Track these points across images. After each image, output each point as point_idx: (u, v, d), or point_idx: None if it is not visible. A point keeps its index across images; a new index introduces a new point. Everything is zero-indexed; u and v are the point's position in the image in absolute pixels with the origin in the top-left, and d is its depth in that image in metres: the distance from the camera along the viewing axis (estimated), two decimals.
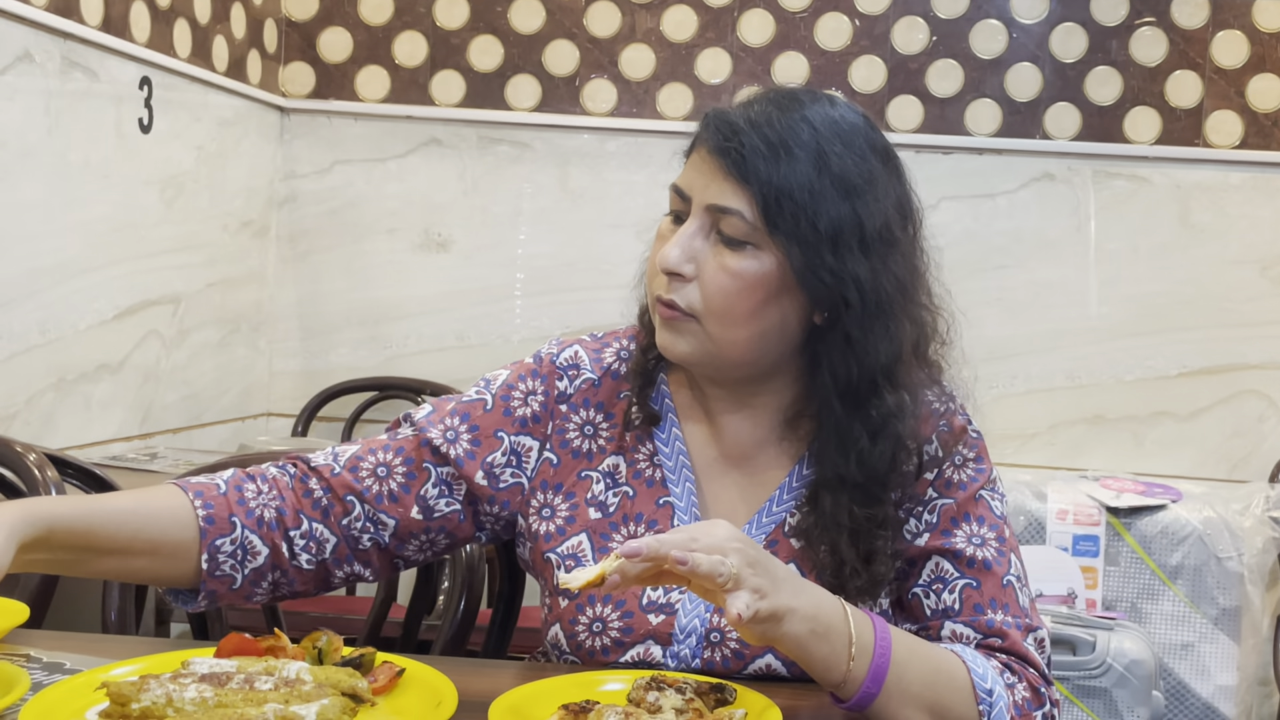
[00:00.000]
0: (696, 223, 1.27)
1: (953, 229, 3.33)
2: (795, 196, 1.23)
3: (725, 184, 1.25)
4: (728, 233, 1.25)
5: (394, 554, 1.36)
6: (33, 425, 2.57)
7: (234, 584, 1.30)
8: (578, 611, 1.31)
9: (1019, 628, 1.28)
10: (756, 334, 1.27)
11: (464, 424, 1.37)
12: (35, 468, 1.65)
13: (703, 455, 1.37)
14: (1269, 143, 3.34)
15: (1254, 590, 2.97)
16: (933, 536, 1.30)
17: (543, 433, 1.38)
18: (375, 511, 1.34)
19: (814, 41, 3.44)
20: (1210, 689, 2.95)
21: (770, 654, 1.28)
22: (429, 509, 1.35)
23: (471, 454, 1.36)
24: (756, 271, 1.25)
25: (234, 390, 3.41)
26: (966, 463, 1.34)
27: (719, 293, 1.25)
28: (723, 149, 1.25)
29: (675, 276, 1.27)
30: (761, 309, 1.26)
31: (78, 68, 2.64)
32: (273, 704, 1.03)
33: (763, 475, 1.36)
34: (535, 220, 3.52)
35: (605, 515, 1.35)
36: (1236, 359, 3.37)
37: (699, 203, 1.27)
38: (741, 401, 1.35)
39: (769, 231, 1.24)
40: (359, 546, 1.34)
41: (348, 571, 1.35)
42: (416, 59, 3.54)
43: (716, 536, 1.08)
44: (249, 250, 3.45)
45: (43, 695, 1.08)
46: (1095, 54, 3.39)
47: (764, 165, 1.24)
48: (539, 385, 1.39)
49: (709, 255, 1.26)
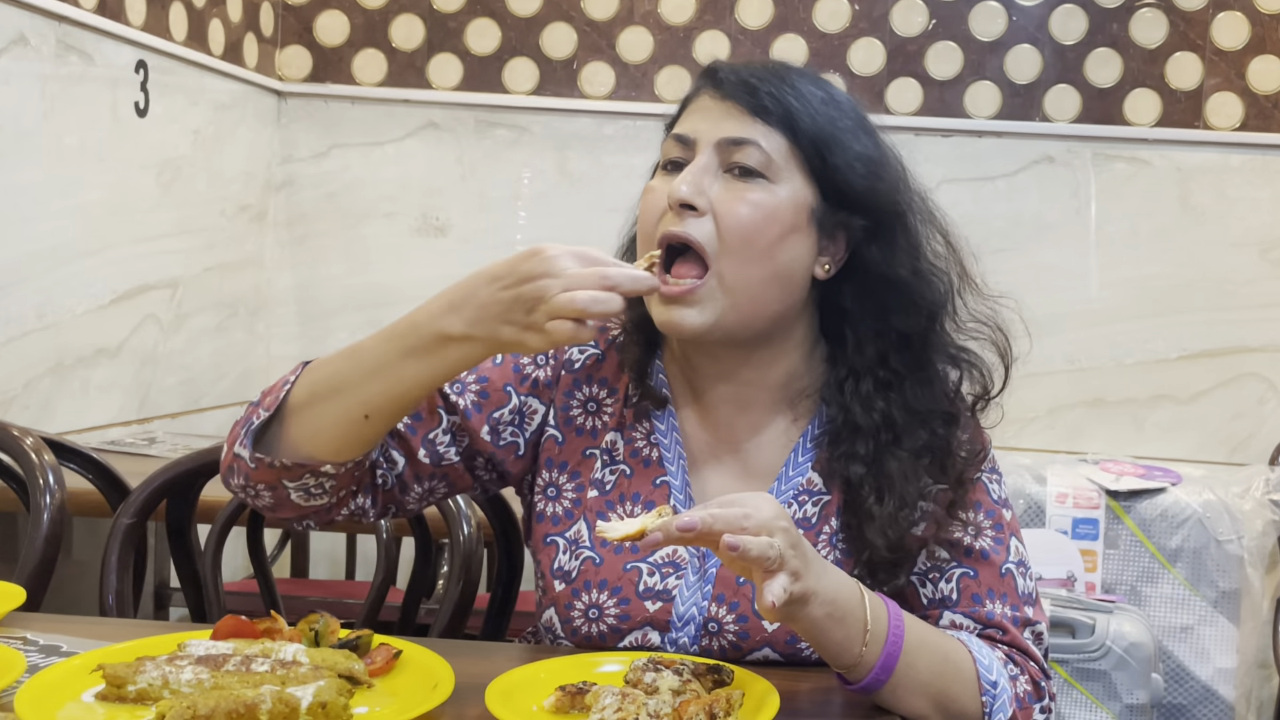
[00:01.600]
0: (705, 158, 1.25)
1: (952, 212, 3.27)
2: (823, 131, 1.25)
3: (740, 119, 1.25)
4: (744, 163, 1.24)
5: (395, 497, 1.34)
6: (31, 410, 2.56)
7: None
8: (574, 596, 1.30)
9: (1017, 622, 1.28)
10: (770, 274, 1.25)
11: (472, 375, 1.35)
12: (33, 452, 1.64)
13: (697, 440, 1.35)
14: (1269, 124, 3.33)
15: (1254, 573, 2.97)
16: (928, 525, 1.28)
17: (549, 398, 1.36)
18: (387, 449, 1.32)
19: (812, 24, 3.43)
20: (1210, 672, 2.95)
21: (768, 647, 1.27)
22: (436, 454, 1.33)
23: (479, 405, 1.34)
24: (773, 203, 1.24)
25: (232, 375, 3.41)
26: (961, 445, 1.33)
27: (735, 224, 1.23)
28: (738, 86, 1.26)
29: (687, 209, 1.23)
30: (778, 244, 1.24)
31: (73, 51, 2.63)
32: (269, 686, 1.03)
33: (758, 463, 1.34)
34: (533, 204, 3.51)
35: (603, 494, 1.34)
36: (1236, 342, 3.37)
37: (708, 140, 1.25)
38: (735, 379, 1.32)
39: (796, 168, 1.25)
40: (371, 480, 1.32)
41: (356, 506, 1.32)
42: (413, 42, 3.52)
43: (765, 514, 1.07)
44: (246, 234, 3.44)
45: (39, 677, 1.08)
46: (1095, 36, 3.38)
47: (787, 98, 1.24)
48: (549, 351, 1.37)
49: (721, 190, 1.24)
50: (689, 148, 1.27)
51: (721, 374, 1.33)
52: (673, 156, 1.28)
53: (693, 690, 1.09)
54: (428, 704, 1.05)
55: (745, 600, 1.27)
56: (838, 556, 1.30)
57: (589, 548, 1.31)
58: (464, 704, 1.08)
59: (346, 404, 1.20)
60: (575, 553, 1.32)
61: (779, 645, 1.27)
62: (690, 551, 1.29)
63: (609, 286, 1.10)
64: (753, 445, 1.34)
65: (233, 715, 0.98)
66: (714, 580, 1.28)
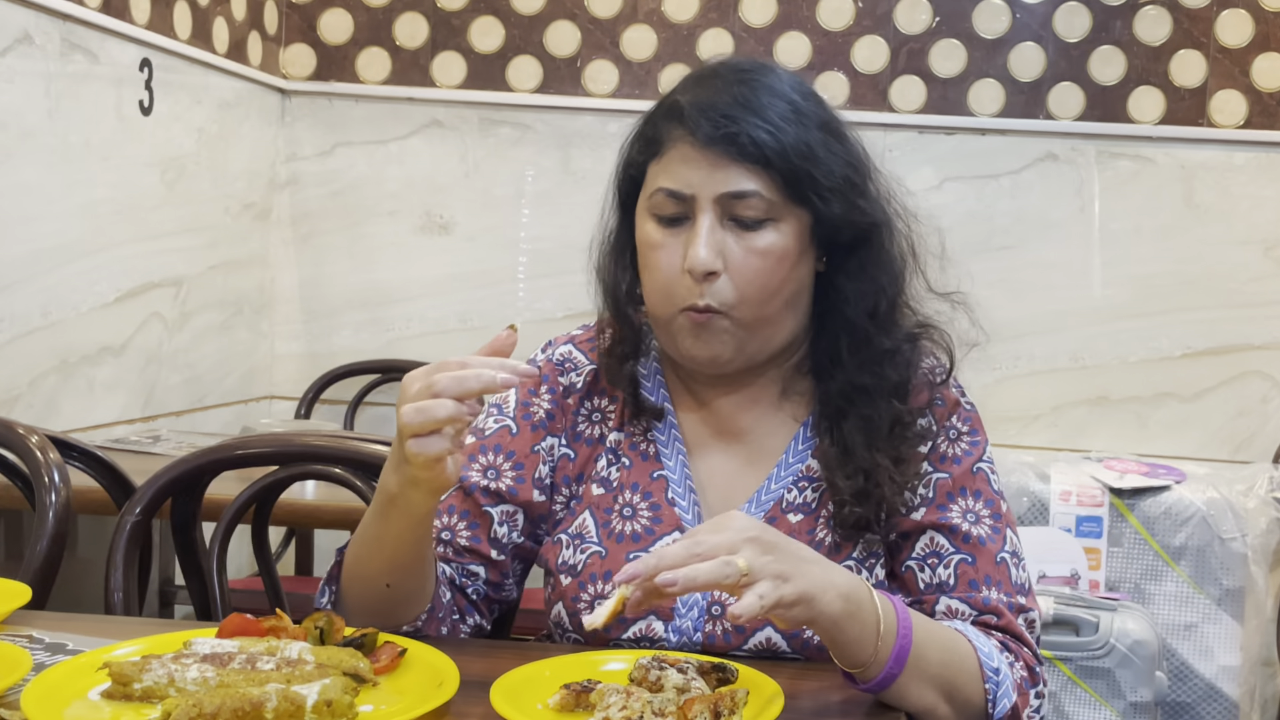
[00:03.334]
0: (710, 216, 1.26)
1: (956, 210, 3.32)
2: (807, 159, 1.26)
3: (734, 169, 1.25)
4: (747, 215, 1.26)
5: (494, 598, 1.39)
6: (36, 408, 2.57)
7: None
8: (580, 589, 1.33)
9: (1012, 608, 1.29)
10: (783, 304, 1.29)
11: (499, 456, 1.38)
12: (38, 450, 1.64)
13: (696, 433, 1.38)
14: (1273, 122, 3.32)
15: (1258, 571, 2.96)
16: (929, 511, 1.31)
17: (559, 428, 1.40)
18: (463, 567, 1.36)
19: (816, 22, 3.42)
20: (1213, 669, 2.95)
21: (770, 627, 1.28)
22: (504, 545, 1.37)
23: (520, 479, 1.37)
24: (780, 244, 1.27)
25: (236, 373, 3.41)
26: (961, 436, 1.35)
27: (754, 277, 1.26)
28: (723, 137, 1.25)
29: (709, 277, 1.26)
30: (789, 278, 1.28)
31: (78, 49, 2.64)
32: (274, 684, 1.03)
33: (759, 449, 1.37)
34: (537, 202, 3.51)
35: (607, 490, 1.37)
36: (1240, 340, 3.36)
37: (707, 196, 1.26)
38: (736, 385, 1.36)
39: (793, 202, 1.26)
40: (469, 600, 1.37)
41: (471, 625, 1.38)
42: (417, 40, 3.52)
43: (726, 533, 1.07)
44: (251, 233, 3.44)
45: (45, 675, 1.08)
46: (1099, 33, 3.37)
47: (771, 140, 1.25)
48: (545, 389, 1.41)
49: (732, 244, 1.27)
50: (685, 203, 1.28)
51: (723, 383, 1.37)
52: (667, 213, 1.29)
53: (697, 688, 1.09)
54: (433, 702, 1.05)
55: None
56: (836, 540, 1.32)
57: (595, 541, 1.34)
58: (469, 702, 1.09)
59: (369, 584, 1.26)
60: (581, 547, 1.34)
61: (779, 628, 1.28)
62: None
63: (455, 393, 1.09)
64: (752, 436, 1.37)
65: (238, 713, 0.98)
66: None
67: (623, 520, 1.35)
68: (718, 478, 1.36)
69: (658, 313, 1.32)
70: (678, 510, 1.34)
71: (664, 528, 1.33)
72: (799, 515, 1.32)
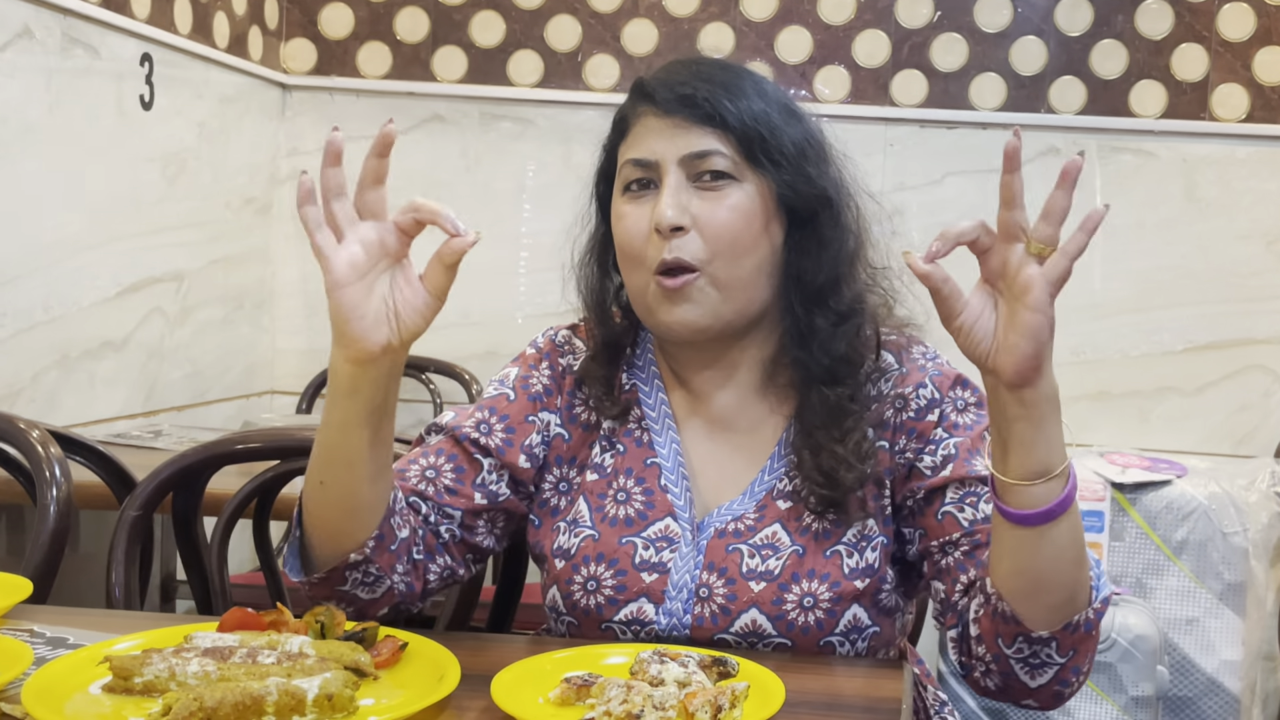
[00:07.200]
0: (675, 177, 1.31)
1: (957, 204, 3.32)
2: (762, 125, 1.32)
3: (694, 131, 1.32)
4: (713, 168, 1.31)
5: (469, 543, 1.38)
6: (37, 403, 2.57)
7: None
8: (573, 571, 1.35)
9: None
10: (755, 267, 1.32)
11: (493, 416, 1.40)
12: (39, 445, 1.64)
13: (688, 420, 1.41)
14: (1275, 116, 3.32)
15: (1259, 565, 2.96)
16: (955, 466, 1.32)
17: (556, 405, 1.42)
18: (440, 506, 1.36)
19: (817, 15, 3.42)
20: (1215, 664, 2.95)
21: (755, 609, 1.30)
22: (491, 493, 1.38)
23: (509, 441, 1.39)
24: (745, 203, 1.31)
25: (238, 368, 3.41)
26: (969, 406, 1.37)
27: (722, 230, 1.30)
28: (681, 100, 1.32)
29: (676, 232, 1.30)
30: (759, 238, 1.32)
31: (78, 44, 2.63)
32: (275, 678, 1.03)
33: (751, 440, 1.39)
34: (538, 197, 3.51)
35: (601, 476, 1.39)
36: (1242, 334, 3.36)
37: (671, 159, 1.32)
38: (719, 363, 1.38)
39: (749, 164, 1.31)
40: (440, 540, 1.36)
41: (440, 565, 1.36)
42: (418, 35, 3.52)
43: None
44: (252, 227, 3.44)
45: (46, 669, 1.08)
46: (1100, 27, 3.37)
47: (729, 102, 1.31)
48: (545, 365, 1.44)
49: (698, 203, 1.31)
50: (651, 169, 1.33)
51: (706, 360, 1.39)
52: (634, 177, 1.34)
53: (698, 682, 1.09)
54: (434, 696, 1.06)
55: (733, 566, 1.32)
56: (826, 526, 1.33)
57: (589, 526, 1.36)
58: (470, 696, 1.09)
59: (311, 493, 1.25)
60: (575, 531, 1.37)
61: (765, 606, 1.30)
62: (683, 525, 1.35)
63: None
64: (740, 424, 1.39)
65: (239, 707, 0.98)
66: (705, 550, 1.33)
67: (616, 505, 1.37)
68: (709, 465, 1.38)
69: (634, 283, 1.35)
70: (670, 496, 1.36)
71: (656, 513, 1.36)
72: (789, 502, 1.34)
